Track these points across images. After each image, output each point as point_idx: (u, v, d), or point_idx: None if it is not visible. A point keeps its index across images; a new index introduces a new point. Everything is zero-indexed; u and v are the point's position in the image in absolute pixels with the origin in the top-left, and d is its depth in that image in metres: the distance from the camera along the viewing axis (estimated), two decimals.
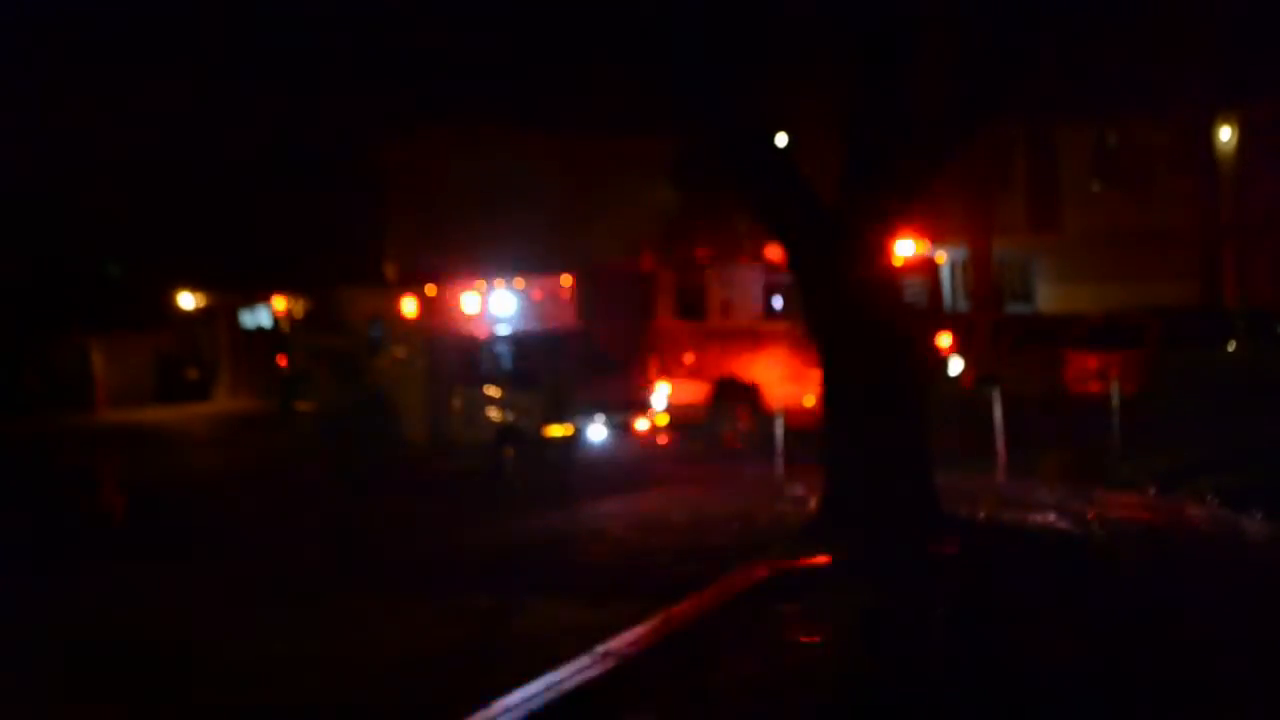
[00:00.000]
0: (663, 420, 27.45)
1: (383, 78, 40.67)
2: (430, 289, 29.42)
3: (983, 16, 19.66)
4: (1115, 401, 24.62)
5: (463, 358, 28.33)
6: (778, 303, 29.64)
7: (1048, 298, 47.40)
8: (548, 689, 13.05)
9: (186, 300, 51.32)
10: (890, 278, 21.15)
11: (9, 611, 18.20)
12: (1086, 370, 31.61)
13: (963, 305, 46.17)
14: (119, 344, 49.64)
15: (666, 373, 30.74)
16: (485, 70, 40.68)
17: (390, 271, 42.27)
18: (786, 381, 28.80)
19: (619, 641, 14.28)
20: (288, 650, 16.06)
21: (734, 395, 30.05)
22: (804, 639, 14.75)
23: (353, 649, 15.94)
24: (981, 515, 20.75)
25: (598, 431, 26.37)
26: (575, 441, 25.90)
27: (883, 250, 20.33)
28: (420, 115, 42.58)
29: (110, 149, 45.17)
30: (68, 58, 43.14)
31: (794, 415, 25.39)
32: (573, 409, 25.96)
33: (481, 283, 29.82)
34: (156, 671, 15.54)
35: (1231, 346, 31.95)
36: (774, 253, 27.84)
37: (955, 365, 31.10)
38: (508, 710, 12.58)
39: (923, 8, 20.03)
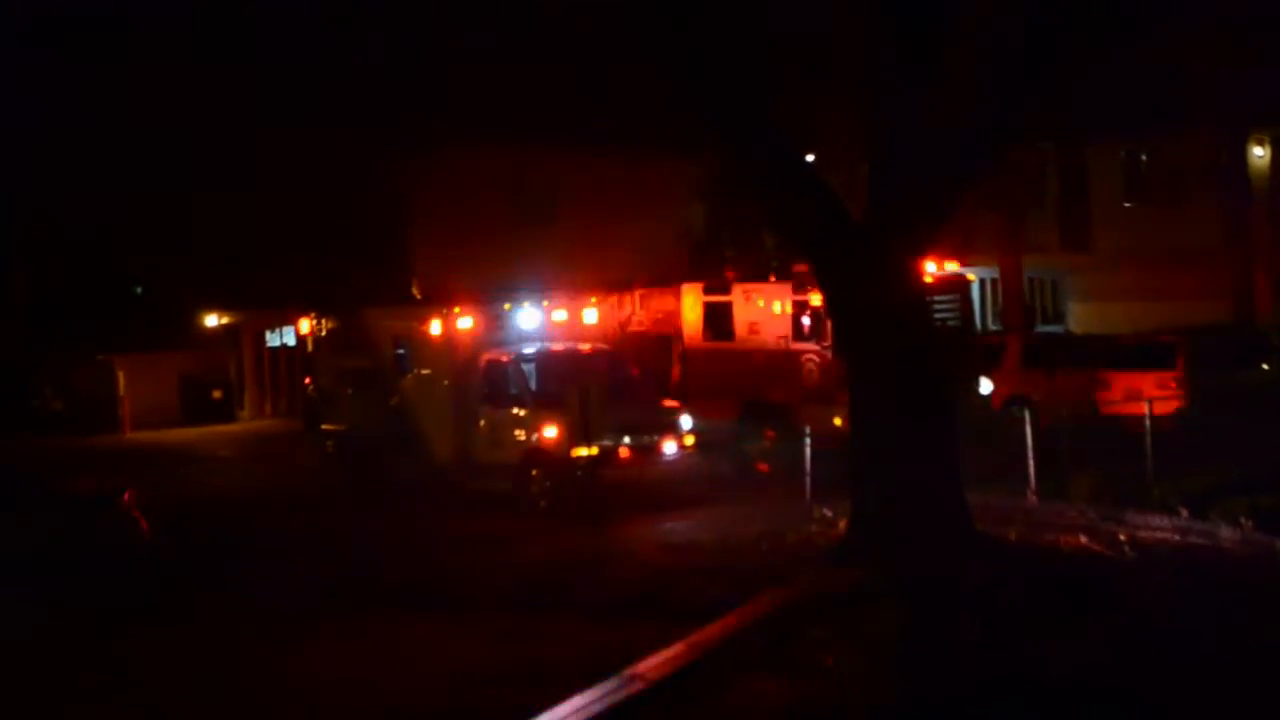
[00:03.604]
0: (690, 440, 27.28)
1: (409, 96, 40.61)
2: (456, 309, 29.30)
3: (1012, 35, 19.52)
4: (1147, 422, 24.41)
5: (489, 378, 28.20)
6: (806, 322, 29.49)
7: (1078, 317, 47.17)
8: (575, 712, 12.88)
9: (211, 320, 51.33)
10: (920, 297, 21.03)
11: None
12: (1118, 390, 31.37)
13: (993, 325, 45.97)
14: (144, 364, 49.62)
15: (694, 393, 30.61)
16: (512, 89, 40.60)
17: (416, 291, 42.17)
18: (815, 402, 28.65)
19: (647, 664, 14.11)
20: (313, 670, 15.97)
21: (762, 416, 29.89)
22: (832, 662, 14.57)
23: (376, 669, 15.84)
24: (1013, 537, 20.58)
25: (625, 452, 26.22)
26: (602, 462, 25.74)
27: (912, 270, 20.23)
28: (446, 134, 42.50)
29: (135, 169, 45.19)
30: (95, 78, 43.23)
31: (822, 436, 25.21)
32: (600, 429, 25.80)
33: (508, 302, 29.71)
34: (162, 694, 15.46)
35: (1265, 366, 31.74)
36: (802, 272, 27.72)
37: (985, 386, 30.91)
38: None
39: (951, 27, 19.88)
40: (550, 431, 26.43)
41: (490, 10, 37.44)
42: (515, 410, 27.47)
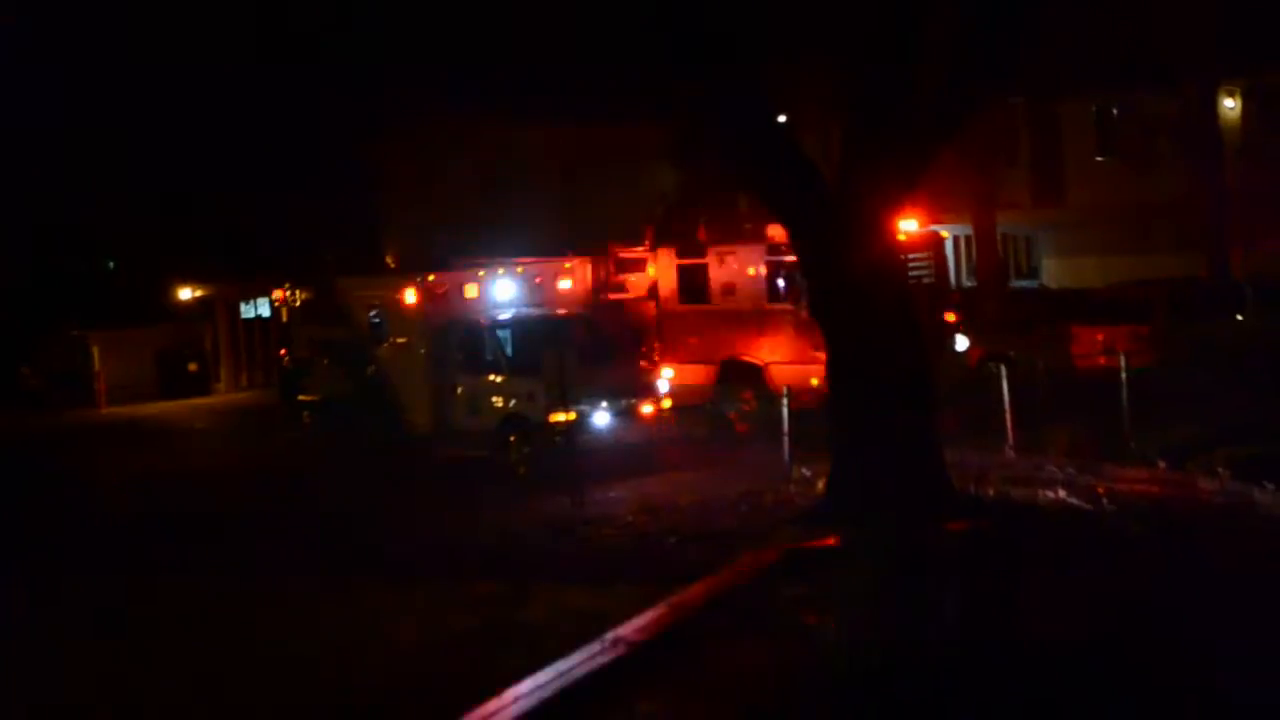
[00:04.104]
0: (667, 404, 27.29)
1: (379, 67, 40.50)
2: (431, 276, 29.25)
3: None
4: (1123, 375, 24.45)
5: (465, 345, 28.18)
6: (781, 283, 29.49)
7: (1053, 272, 47.20)
8: (558, 676, 12.90)
9: (185, 293, 51.20)
10: (894, 255, 21.03)
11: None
12: (1094, 344, 31.43)
13: (968, 281, 45.97)
14: (119, 339, 49.54)
15: (670, 356, 30.61)
16: (482, 55, 40.50)
17: (390, 260, 42.13)
18: (791, 362, 28.68)
19: (628, 627, 14.12)
20: (298, 638, 15.99)
21: (739, 377, 29.91)
22: (813, 621, 14.60)
23: (361, 638, 15.84)
24: (991, 492, 20.62)
25: (602, 416, 26.22)
26: (580, 427, 25.73)
27: (886, 228, 20.22)
28: (417, 102, 42.40)
29: (107, 144, 45.01)
30: (65, 54, 43.02)
31: (800, 396, 25.21)
32: (576, 394, 25.78)
33: (482, 269, 29.66)
34: (153, 672, 15.45)
35: (1239, 317, 31.79)
36: (776, 233, 27.69)
37: (961, 342, 30.95)
38: (518, 698, 12.43)
39: None
40: (527, 397, 26.42)
41: None
42: (492, 377, 27.47)
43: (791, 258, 27.03)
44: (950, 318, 30.84)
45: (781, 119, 25.15)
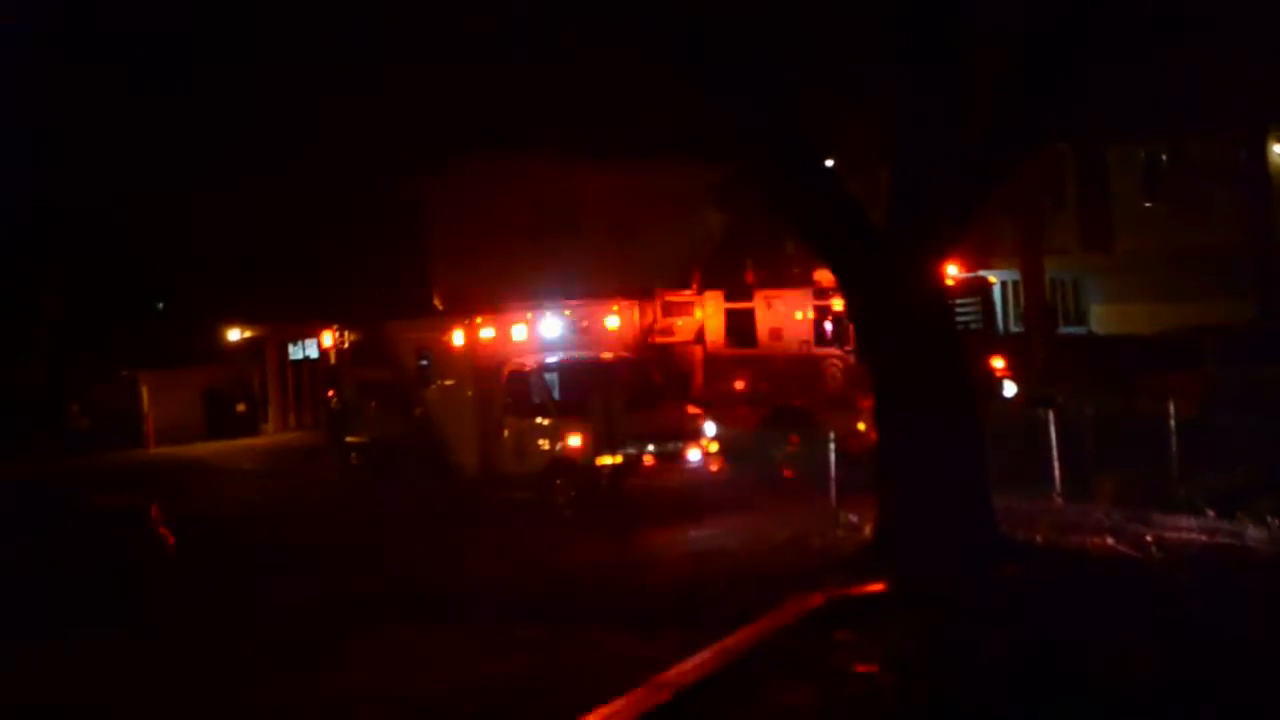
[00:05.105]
0: (713, 447, 27.25)
1: (427, 108, 40.66)
2: (478, 319, 29.33)
3: (1032, 37, 19.51)
4: (1171, 422, 24.32)
5: (512, 388, 28.21)
6: (828, 328, 29.48)
7: (1101, 318, 46.98)
8: None
9: (234, 334, 51.41)
10: (942, 300, 21.00)
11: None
12: (1142, 390, 31.26)
13: (1015, 327, 45.82)
14: (168, 380, 49.78)
15: (717, 399, 30.59)
16: (529, 98, 40.64)
17: (438, 302, 42.23)
18: (839, 407, 28.64)
19: (675, 672, 14.08)
20: (342, 682, 15.99)
21: (786, 422, 29.87)
22: (861, 668, 14.56)
23: (404, 682, 15.85)
24: (1039, 539, 20.53)
25: (648, 460, 26.19)
26: (626, 470, 25.73)
27: (934, 273, 20.20)
28: (465, 145, 42.55)
29: (157, 185, 45.28)
30: (114, 91, 43.30)
31: (847, 441, 25.17)
32: (623, 437, 25.80)
33: (529, 312, 29.72)
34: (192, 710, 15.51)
35: None
36: (824, 277, 27.71)
37: (1009, 388, 30.85)
38: None
39: (972, 32, 19.88)
40: (574, 440, 26.43)
41: (508, 21, 37.47)
42: (539, 420, 27.48)
43: (839, 302, 27.07)
44: (998, 363, 30.73)
45: (829, 163, 25.19)
